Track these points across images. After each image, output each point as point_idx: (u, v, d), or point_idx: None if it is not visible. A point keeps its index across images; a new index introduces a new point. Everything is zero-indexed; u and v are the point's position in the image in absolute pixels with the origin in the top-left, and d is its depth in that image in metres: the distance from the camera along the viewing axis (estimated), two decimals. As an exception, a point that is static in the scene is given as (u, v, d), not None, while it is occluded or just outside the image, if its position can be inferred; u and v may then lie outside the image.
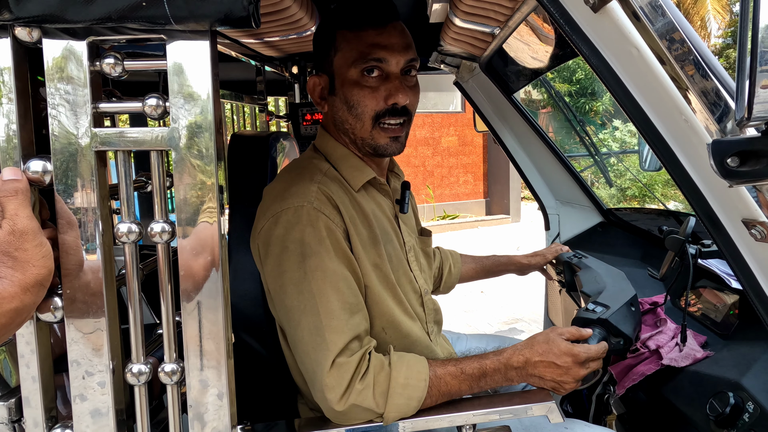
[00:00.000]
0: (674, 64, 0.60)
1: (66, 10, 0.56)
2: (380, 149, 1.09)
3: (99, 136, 0.62)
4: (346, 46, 1.05)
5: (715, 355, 1.19)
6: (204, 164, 0.62)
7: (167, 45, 0.61)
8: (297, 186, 1.03)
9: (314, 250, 0.97)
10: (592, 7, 0.64)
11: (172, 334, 0.66)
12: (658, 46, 0.60)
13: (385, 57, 1.03)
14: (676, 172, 0.70)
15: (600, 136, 8.92)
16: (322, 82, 1.11)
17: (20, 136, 0.62)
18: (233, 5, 0.55)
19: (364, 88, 1.04)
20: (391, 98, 1.04)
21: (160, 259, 0.64)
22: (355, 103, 1.05)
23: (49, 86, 0.62)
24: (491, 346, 1.65)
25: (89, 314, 0.63)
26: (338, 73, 1.07)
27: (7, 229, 0.56)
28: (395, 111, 1.06)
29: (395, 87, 1.04)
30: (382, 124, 1.06)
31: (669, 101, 0.65)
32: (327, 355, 0.93)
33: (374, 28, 1.03)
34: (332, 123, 1.14)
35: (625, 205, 8.46)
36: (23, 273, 0.55)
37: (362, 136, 1.08)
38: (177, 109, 0.62)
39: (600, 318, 1.17)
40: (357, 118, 1.06)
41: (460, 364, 0.99)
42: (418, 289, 1.23)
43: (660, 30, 0.60)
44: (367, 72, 1.03)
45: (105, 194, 0.64)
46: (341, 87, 1.07)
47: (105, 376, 0.64)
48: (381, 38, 1.03)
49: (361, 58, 1.03)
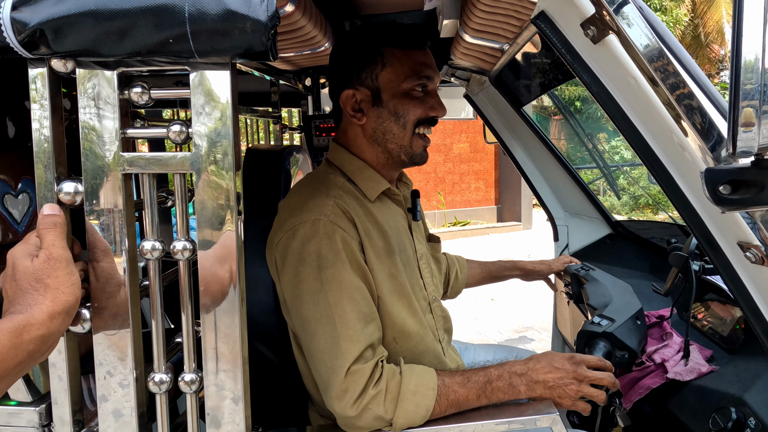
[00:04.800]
0: (668, 95, 0.63)
1: (100, 46, 0.60)
2: (416, 157, 1.19)
3: (127, 159, 0.67)
4: (397, 62, 1.14)
5: (719, 370, 1.21)
6: (224, 185, 0.67)
7: (190, 75, 0.65)
8: (314, 200, 1.07)
9: (330, 261, 1.01)
10: (591, 39, 0.67)
11: (192, 345, 0.70)
12: (653, 77, 0.63)
13: (431, 75, 1.16)
14: (674, 195, 0.72)
15: (612, 143, 8.87)
16: (359, 96, 1.16)
17: (54, 160, 0.67)
18: (253, 41, 0.59)
19: (414, 99, 1.15)
20: (433, 111, 1.16)
21: (181, 276, 0.69)
22: (404, 112, 1.15)
23: (81, 113, 0.67)
24: (499, 356, 1.67)
25: (115, 326, 0.68)
26: (386, 87, 1.15)
27: (43, 257, 0.60)
28: (432, 121, 1.18)
29: (437, 102, 1.17)
30: (420, 133, 1.17)
31: (666, 129, 0.68)
32: (342, 362, 0.97)
33: (419, 50, 1.16)
34: (366, 135, 1.18)
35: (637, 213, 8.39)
36: (52, 300, 0.58)
37: (402, 143, 1.17)
38: (199, 135, 0.66)
39: (605, 331, 1.19)
40: (402, 127, 1.16)
41: (467, 373, 1.03)
42: (427, 296, 1.26)
43: (655, 62, 0.63)
44: (419, 86, 1.15)
45: (131, 214, 0.68)
46: (390, 99, 1.15)
47: (129, 384, 0.69)
48: (426, 59, 1.16)
49: (414, 74, 1.14)
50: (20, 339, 0.54)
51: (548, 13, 0.72)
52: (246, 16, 0.58)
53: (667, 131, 0.68)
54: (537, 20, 0.75)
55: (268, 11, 0.58)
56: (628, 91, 0.69)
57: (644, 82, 0.66)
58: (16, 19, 0.60)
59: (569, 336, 2.05)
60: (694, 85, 0.64)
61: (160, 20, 0.59)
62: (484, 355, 1.69)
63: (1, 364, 0.52)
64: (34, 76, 0.66)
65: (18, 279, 0.59)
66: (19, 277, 0.59)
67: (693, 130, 0.63)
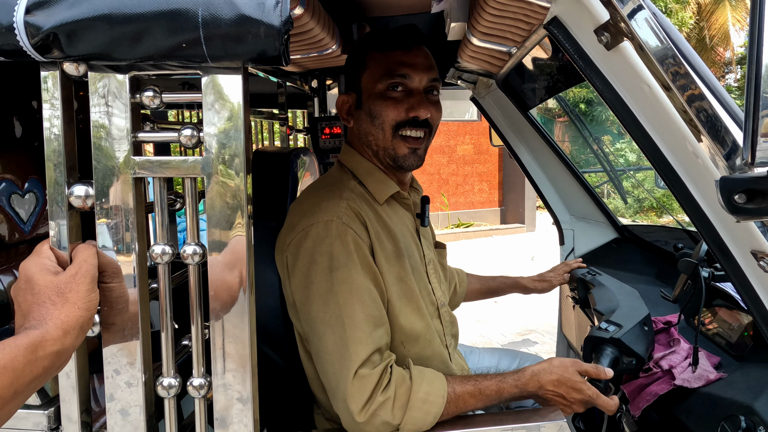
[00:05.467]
0: (683, 102, 0.62)
1: (114, 50, 0.60)
2: (399, 160, 1.15)
3: (138, 163, 0.67)
4: (374, 64, 1.14)
5: (728, 377, 1.20)
6: (235, 189, 0.66)
7: (202, 79, 0.65)
8: (326, 202, 1.08)
9: (342, 263, 1.01)
10: (605, 46, 0.67)
11: (201, 350, 0.70)
12: (667, 84, 0.63)
13: (409, 74, 1.12)
14: (686, 203, 0.72)
15: (617, 146, 8.85)
16: (349, 100, 1.19)
17: (65, 163, 0.67)
18: (266, 46, 0.59)
19: (387, 99, 1.12)
20: (412, 111, 1.12)
21: (191, 280, 0.69)
22: (377, 113, 1.13)
23: (93, 116, 0.66)
24: (504, 361, 1.67)
25: (125, 330, 0.68)
26: (365, 89, 1.15)
27: (71, 272, 0.61)
28: (415, 122, 1.13)
29: (417, 101, 1.12)
30: (403, 135, 1.13)
31: (680, 136, 0.67)
32: (350, 365, 0.97)
33: (401, 50, 1.13)
34: (357, 137, 1.21)
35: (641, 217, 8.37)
36: (67, 315, 0.58)
37: (383, 145, 1.15)
38: (210, 139, 0.66)
39: (612, 337, 1.18)
40: (379, 128, 1.13)
41: (479, 384, 1.03)
42: (435, 301, 1.26)
43: (669, 69, 0.62)
44: (392, 87, 1.12)
45: (141, 217, 0.68)
46: (367, 100, 1.15)
47: (138, 387, 0.68)
48: (407, 58, 1.13)
49: (387, 74, 1.12)
50: (35, 355, 0.54)
51: (561, 18, 0.72)
52: (260, 21, 0.58)
53: (681, 138, 0.67)
54: (549, 26, 0.75)
55: (281, 16, 0.58)
56: (642, 97, 0.69)
57: (658, 89, 0.66)
58: (29, 23, 0.60)
59: (574, 340, 2.04)
60: (708, 92, 0.63)
61: (174, 25, 0.59)
62: (489, 359, 1.69)
63: (17, 380, 0.52)
64: (46, 78, 0.66)
65: (37, 293, 0.59)
66: (38, 290, 0.59)
67: (707, 138, 0.63)
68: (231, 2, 0.58)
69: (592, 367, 1.07)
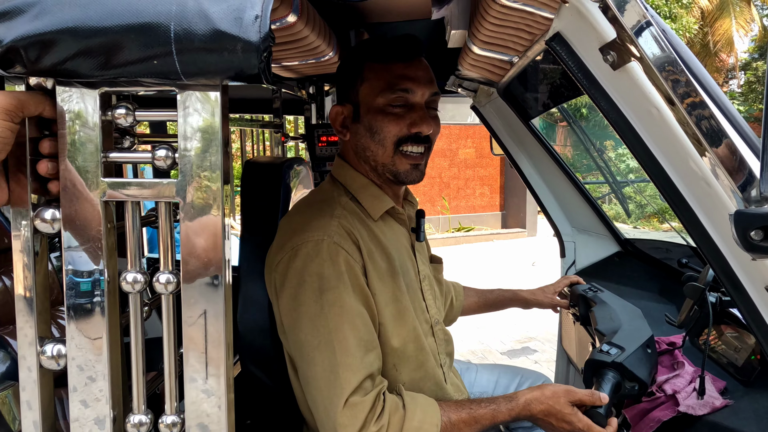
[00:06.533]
0: (694, 128, 0.58)
1: (80, 65, 0.56)
2: (401, 175, 1.11)
3: (108, 186, 0.62)
4: (373, 76, 1.08)
5: (734, 404, 1.15)
6: (212, 215, 0.62)
7: (178, 96, 0.61)
8: (317, 220, 1.03)
9: (332, 284, 0.96)
10: (611, 65, 0.62)
11: (174, 386, 0.65)
12: (677, 109, 0.58)
13: (412, 88, 1.07)
14: (696, 232, 0.67)
15: (619, 151, 8.79)
16: (345, 111, 1.13)
17: (30, 182, 0.62)
18: (244, 64, 0.55)
19: (388, 115, 1.07)
20: (414, 126, 1.07)
21: (164, 312, 0.64)
22: (378, 129, 1.08)
23: (60, 134, 0.62)
24: (504, 378, 1.63)
25: (92, 362, 0.63)
26: (364, 102, 1.10)
27: None
28: (417, 138, 1.09)
29: (420, 117, 1.08)
30: (404, 151, 1.09)
31: (690, 163, 0.62)
32: (340, 393, 0.92)
33: (402, 62, 1.08)
34: (353, 151, 1.15)
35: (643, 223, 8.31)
36: None
37: (383, 162, 1.10)
38: (186, 160, 0.61)
39: (614, 361, 1.14)
40: (379, 144, 1.09)
41: (474, 413, 0.99)
42: (429, 319, 1.22)
43: (680, 92, 0.58)
44: (394, 101, 1.07)
45: (112, 244, 0.64)
46: (366, 114, 1.09)
47: (105, 425, 0.64)
48: (408, 71, 1.08)
49: (388, 87, 1.07)
50: None
51: (564, 35, 0.67)
52: (236, 36, 0.54)
53: (692, 165, 0.62)
54: (552, 42, 0.70)
55: (260, 32, 0.54)
56: (650, 120, 0.64)
57: (668, 113, 0.61)
58: (-11, 36, 0.55)
59: (574, 355, 1.99)
60: (723, 118, 0.58)
61: (144, 39, 0.54)
62: (488, 377, 1.64)
63: None
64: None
65: None
66: None
67: (721, 167, 0.58)
68: (206, 16, 0.54)
69: (587, 395, 1.03)
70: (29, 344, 0.64)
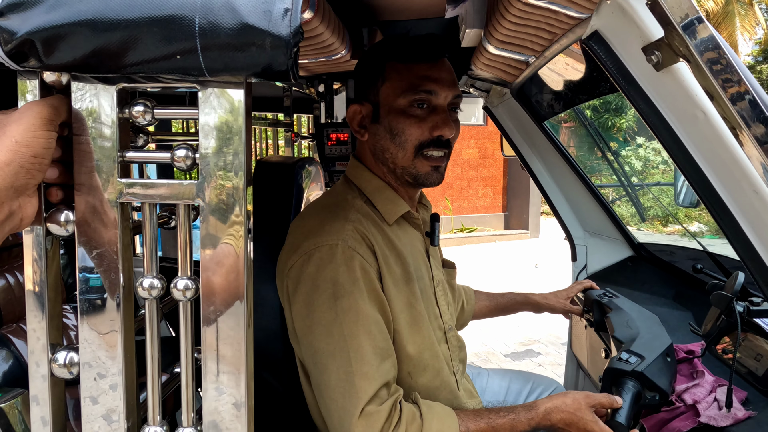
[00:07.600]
0: (747, 135, 0.55)
1: (98, 60, 0.53)
2: (421, 178, 1.08)
3: (125, 186, 0.59)
4: (396, 76, 1.05)
5: (757, 416, 1.12)
6: (233, 218, 0.59)
7: (199, 93, 0.58)
8: (331, 224, 1.00)
9: (347, 290, 0.94)
10: (654, 66, 0.59)
11: (192, 398, 0.62)
12: (730, 113, 0.55)
13: (435, 90, 1.04)
14: (738, 242, 0.64)
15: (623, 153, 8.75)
16: (363, 111, 1.10)
17: (43, 183, 0.59)
18: (272, 59, 0.52)
19: (410, 117, 1.04)
20: (437, 130, 1.05)
21: (182, 320, 0.61)
22: (399, 131, 1.05)
23: (76, 132, 0.59)
24: (515, 384, 1.60)
25: (106, 371, 0.60)
26: (384, 102, 1.06)
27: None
28: (439, 142, 1.06)
29: (443, 120, 1.05)
30: (425, 154, 1.06)
31: (737, 170, 0.59)
32: (356, 402, 0.90)
33: (426, 63, 1.05)
34: (370, 152, 1.12)
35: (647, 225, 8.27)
36: None
37: (403, 164, 1.07)
38: (207, 161, 0.58)
39: (635, 370, 1.11)
40: (399, 147, 1.06)
41: (492, 422, 0.96)
42: (443, 325, 1.19)
43: (733, 96, 0.55)
44: (417, 103, 1.04)
45: (127, 247, 0.61)
46: (386, 115, 1.06)
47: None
48: (432, 72, 1.05)
49: (411, 88, 1.03)
50: None
51: (603, 33, 0.64)
52: (266, 31, 0.50)
53: (738, 175, 0.59)
54: (589, 41, 0.67)
55: (291, 26, 0.50)
56: (694, 125, 0.61)
57: (716, 117, 0.58)
58: (2, 28, 0.52)
59: (585, 361, 1.96)
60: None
61: (167, 33, 0.51)
62: (499, 382, 1.62)
63: None
64: (25, 88, 0.58)
65: None
66: None
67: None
68: (233, 9, 0.50)
69: (605, 397, 1.00)
70: (40, 351, 0.61)
